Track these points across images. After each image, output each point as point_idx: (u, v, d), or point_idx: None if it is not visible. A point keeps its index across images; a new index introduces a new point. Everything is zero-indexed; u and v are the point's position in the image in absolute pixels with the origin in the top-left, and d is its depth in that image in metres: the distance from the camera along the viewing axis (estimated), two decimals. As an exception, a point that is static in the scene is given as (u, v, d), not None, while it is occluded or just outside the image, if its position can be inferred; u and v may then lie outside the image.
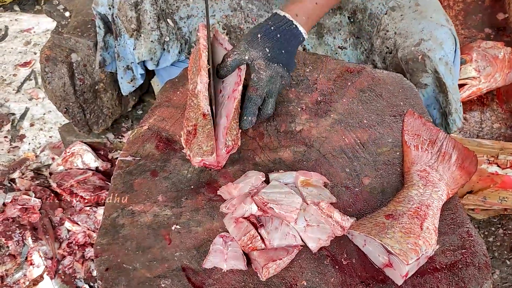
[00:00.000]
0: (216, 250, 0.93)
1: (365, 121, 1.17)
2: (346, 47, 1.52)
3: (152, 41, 1.51)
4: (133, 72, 1.63)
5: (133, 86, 1.68)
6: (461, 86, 1.97)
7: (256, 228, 0.94)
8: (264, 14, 1.53)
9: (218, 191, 1.03)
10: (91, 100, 1.76)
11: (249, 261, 0.94)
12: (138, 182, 1.07)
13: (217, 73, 1.14)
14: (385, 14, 1.39)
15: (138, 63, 1.57)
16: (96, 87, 1.75)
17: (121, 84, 1.67)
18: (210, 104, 1.09)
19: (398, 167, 1.09)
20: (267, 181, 1.04)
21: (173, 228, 0.99)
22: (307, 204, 0.98)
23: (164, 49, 1.56)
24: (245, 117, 1.10)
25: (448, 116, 1.38)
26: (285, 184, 1.01)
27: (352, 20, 1.48)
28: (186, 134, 1.05)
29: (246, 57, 1.10)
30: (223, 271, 0.92)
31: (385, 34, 1.39)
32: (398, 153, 1.11)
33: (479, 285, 0.91)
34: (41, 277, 1.55)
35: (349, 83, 1.25)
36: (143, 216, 1.01)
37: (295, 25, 1.13)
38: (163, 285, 0.91)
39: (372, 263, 0.94)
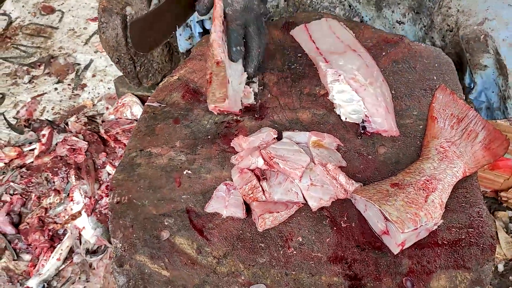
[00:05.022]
0: (219, 196, 0.97)
1: (393, 92, 1.14)
2: (405, 22, 1.47)
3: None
4: (191, 30, 1.67)
5: (190, 44, 1.71)
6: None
7: (259, 180, 0.96)
8: None
9: (231, 143, 1.06)
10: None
11: (250, 212, 0.96)
12: (160, 127, 1.12)
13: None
14: None
15: (197, 22, 1.60)
16: (148, 41, 1.81)
17: (179, 41, 1.71)
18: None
19: (418, 140, 1.07)
20: (280, 139, 1.05)
21: (184, 172, 1.03)
22: (315, 164, 0.98)
23: None
24: (233, 48, 1.10)
25: (507, 100, 1.31)
26: (297, 143, 1.02)
27: None
28: (206, 83, 1.08)
29: None
30: (223, 217, 0.95)
31: (447, 11, 1.33)
32: (421, 127, 1.08)
33: (479, 265, 0.88)
34: (79, 213, 1.66)
35: (383, 53, 1.22)
36: (159, 158, 1.06)
37: None
38: (166, 223, 0.95)
39: (372, 230, 0.93)
